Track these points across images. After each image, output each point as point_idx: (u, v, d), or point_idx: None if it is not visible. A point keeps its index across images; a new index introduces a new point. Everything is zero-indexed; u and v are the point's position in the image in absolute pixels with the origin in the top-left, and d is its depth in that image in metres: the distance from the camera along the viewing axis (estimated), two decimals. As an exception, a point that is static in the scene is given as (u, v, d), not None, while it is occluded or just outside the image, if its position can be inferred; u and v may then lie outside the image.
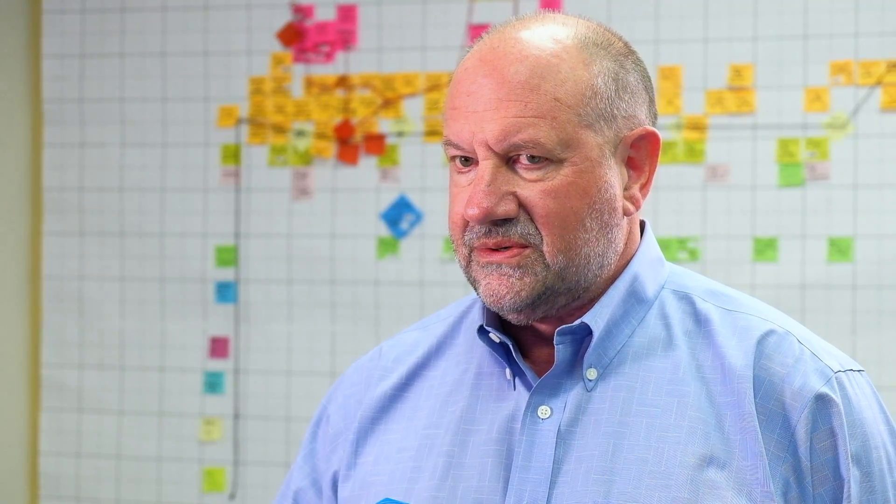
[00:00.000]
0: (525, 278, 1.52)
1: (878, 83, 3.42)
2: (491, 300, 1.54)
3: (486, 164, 1.51)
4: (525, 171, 1.52)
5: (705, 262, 3.50)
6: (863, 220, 3.43)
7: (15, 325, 3.93)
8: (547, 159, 1.51)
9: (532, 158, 1.51)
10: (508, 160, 1.52)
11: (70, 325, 3.88)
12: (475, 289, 1.57)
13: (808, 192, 3.46)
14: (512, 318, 1.56)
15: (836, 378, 1.55)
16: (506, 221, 1.52)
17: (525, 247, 1.52)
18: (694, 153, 3.52)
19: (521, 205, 1.51)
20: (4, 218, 3.92)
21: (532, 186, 1.51)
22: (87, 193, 3.88)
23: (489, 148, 1.51)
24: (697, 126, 3.51)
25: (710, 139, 3.52)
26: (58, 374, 3.89)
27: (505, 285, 1.53)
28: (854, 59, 3.44)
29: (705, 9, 3.53)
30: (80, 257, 3.88)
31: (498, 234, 1.52)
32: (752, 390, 1.52)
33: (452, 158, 1.56)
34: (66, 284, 3.89)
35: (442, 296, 3.63)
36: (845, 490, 1.51)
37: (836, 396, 1.53)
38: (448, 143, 1.56)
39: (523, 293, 1.52)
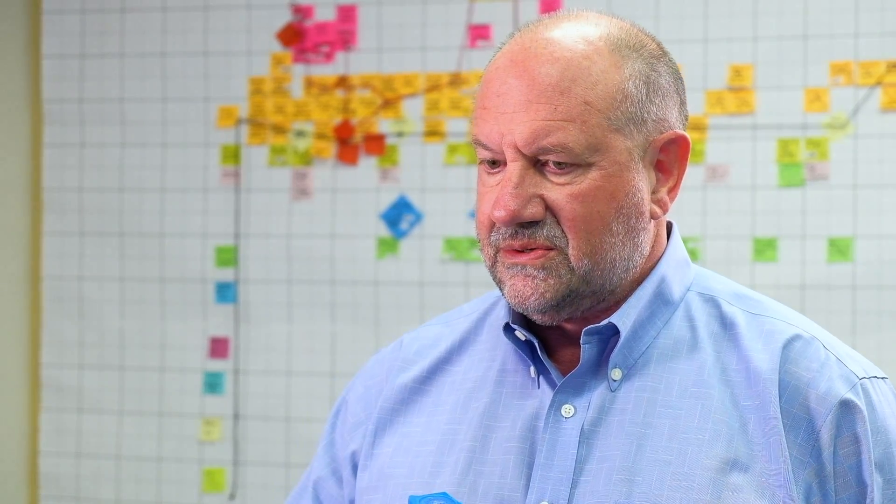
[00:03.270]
0: (549, 280, 1.52)
1: (878, 83, 3.43)
2: (516, 301, 1.54)
3: (514, 167, 1.51)
4: (553, 174, 1.51)
5: (705, 263, 3.50)
6: (863, 221, 3.43)
7: (15, 325, 3.92)
8: (575, 163, 1.51)
9: (560, 163, 1.51)
10: (536, 162, 1.52)
11: (70, 325, 3.88)
12: (500, 289, 1.57)
13: (808, 192, 3.47)
14: (537, 318, 1.56)
15: (861, 384, 1.55)
16: (532, 224, 1.52)
17: (550, 249, 1.52)
18: (694, 153, 3.52)
19: (548, 208, 1.51)
20: (4, 218, 3.91)
21: (559, 190, 1.51)
22: (87, 193, 3.87)
23: (517, 150, 1.51)
24: (697, 126, 3.52)
25: (710, 139, 3.52)
26: (58, 374, 3.89)
27: (530, 287, 1.53)
28: (854, 60, 3.44)
29: (705, 9, 3.53)
30: (80, 257, 3.88)
31: (524, 236, 1.52)
32: (777, 394, 1.52)
33: (481, 161, 1.56)
34: (66, 284, 3.88)
35: (442, 296, 3.63)
36: (868, 496, 1.52)
37: (861, 402, 1.53)
38: (477, 143, 1.55)
39: (548, 294, 1.52)
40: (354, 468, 1.70)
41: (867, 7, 3.43)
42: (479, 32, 3.64)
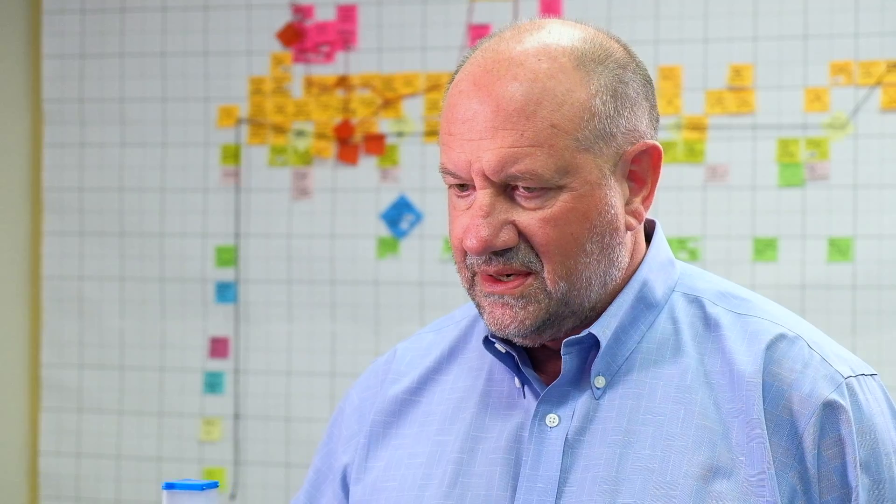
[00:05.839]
0: (529, 307, 1.51)
1: (878, 83, 3.42)
2: (496, 328, 1.53)
3: (484, 194, 1.49)
4: (523, 198, 1.49)
5: (705, 263, 3.50)
6: (863, 220, 3.43)
7: (15, 325, 3.93)
8: (545, 187, 1.48)
9: (530, 188, 1.48)
10: (506, 188, 1.49)
11: (70, 325, 3.88)
12: (479, 313, 1.55)
13: (808, 192, 3.46)
14: (518, 341, 1.55)
15: (847, 384, 1.53)
16: (506, 250, 1.49)
17: (527, 274, 1.50)
18: (694, 153, 3.52)
19: (521, 233, 1.49)
20: (4, 218, 3.92)
21: (531, 214, 1.49)
22: (87, 193, 3.88)
23: (486, 178, 1.48)
24: (697, 126, 3.51)
25: (710, 139, 3.52)
26: (58, 374, 3.89)
27: (509, 315, 1.51)
28: (854, 60, 3.44)
29: (705, 9, 3.53)
30: (80, 257, 3.88)
31: (499, 262, 1.50)
32: (761, 397, 1.50)
33: (450, 186, 1.54)
34: (66, 284, 3.89)
35: (442, 296, 3.63)
36: (853, 498, 1.50)
37: (846, 403, 1.51)
38: (445, 171, 1.52)
39: (527, 321, 1.51)
40: (343, 480, 1.69)
41: (867, 7, 3.43)
42: (479, 32, 3.64)
